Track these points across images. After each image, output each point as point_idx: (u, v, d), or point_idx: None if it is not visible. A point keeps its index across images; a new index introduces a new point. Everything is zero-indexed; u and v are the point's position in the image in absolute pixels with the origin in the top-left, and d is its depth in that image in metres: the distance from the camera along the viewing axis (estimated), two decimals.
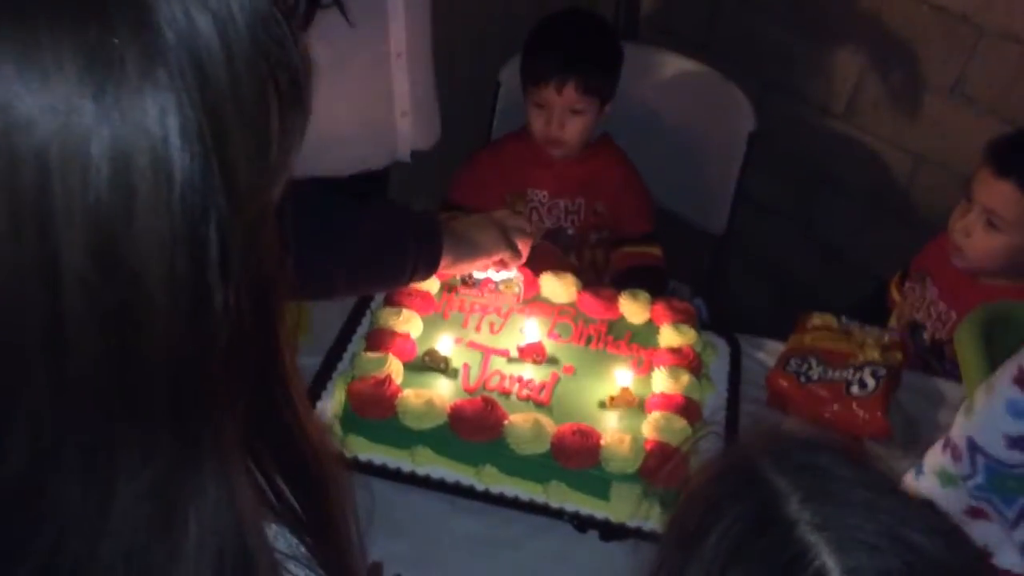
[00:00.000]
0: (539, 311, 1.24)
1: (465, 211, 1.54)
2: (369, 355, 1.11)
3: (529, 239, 1.23)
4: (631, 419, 1.08)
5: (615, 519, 1.03)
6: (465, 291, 1.26)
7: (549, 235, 1.58)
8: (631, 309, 1.24)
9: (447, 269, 1.16)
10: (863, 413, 1.16)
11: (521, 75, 1.55)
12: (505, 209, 1.53)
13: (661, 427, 1.05)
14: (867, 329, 1.28)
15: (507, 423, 1.05)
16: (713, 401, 1.17)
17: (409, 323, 1.17)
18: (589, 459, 1.02)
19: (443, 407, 1.06)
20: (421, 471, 1.06)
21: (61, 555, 0.35)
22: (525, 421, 1.04)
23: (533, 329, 1.20)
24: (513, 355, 1.17)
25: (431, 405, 1.05)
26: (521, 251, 1.21)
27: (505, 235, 1.19)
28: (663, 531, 0.59)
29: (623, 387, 1.12)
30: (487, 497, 1.05)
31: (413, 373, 1.12)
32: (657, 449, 1.03)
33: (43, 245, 0.31)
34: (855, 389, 1.17)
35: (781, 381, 1.21)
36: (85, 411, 0.34)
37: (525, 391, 1.12)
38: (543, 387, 1.12)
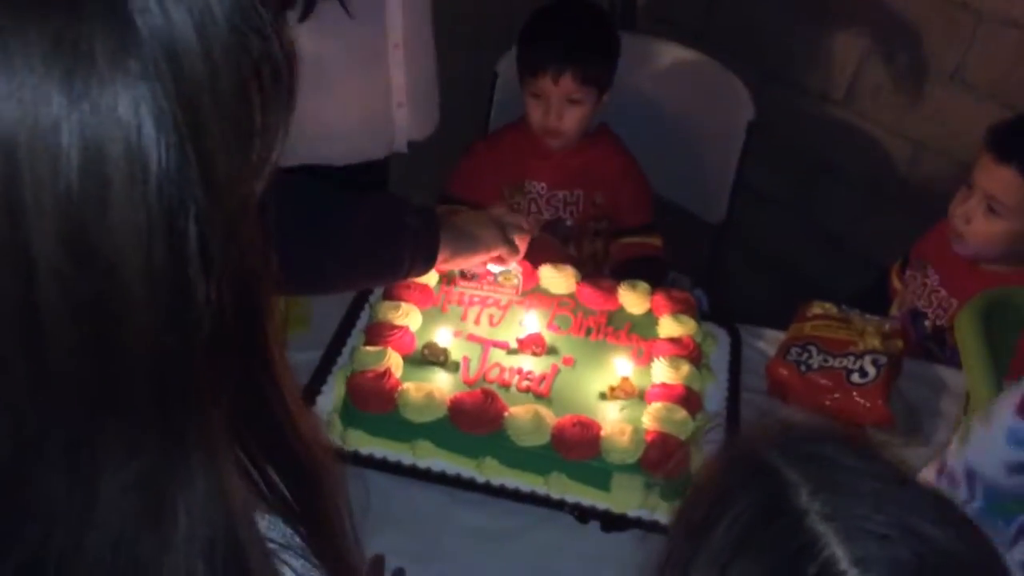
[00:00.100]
0: (538, 303, 1.24)
1: (463, 204, 1.54)
2: (368, 349, 1.11)
3: (527, 236, 1.23)
4: (631, 410, 1.08)
5: (616, 510, 1.03)
6: (464, 284, 1.26)
7: (548, 227, 1.58)
8: (630, 300, 1.24)
9: (444, 264, 1.16)
10: (864, 401, 1.15)
11: (518, 66, 1.54)
12: (503, 203, 1.53)
13: (661, 417, 1.05)
14: (867, 317, 1.27)
15: (507, 415, 1.04)
16: (713, 391, 1.16)
17: (408, 316, 1.17)
18: (589, 450, 1.02)
19: (443, 400, 1.06)
20: (422, 464, 1.06)
21: (47, 547, 0.35)
22: (525, 413, 1.04)
23: (532, 321, 1.20)
24: (513, 347, 1.17)
25: (431, 398, 1.05)
26: (519, 247, 1.21)
27: (503, 231, 1.19)
28: (671, 522, 0.59)
29: (623, 378, 1.12)
30: (488, 489, 1.05)
31: (413, 366, 1.12)
32: (658, 439, 1.02)
33: (14, 234, 0.31)
34: (856, 377, 1.17)
35: (781, 370, 1.21)
36: (67, 403, 0.34)
37: (525, 383, 1.11)
38: (543, 379, 1.12)
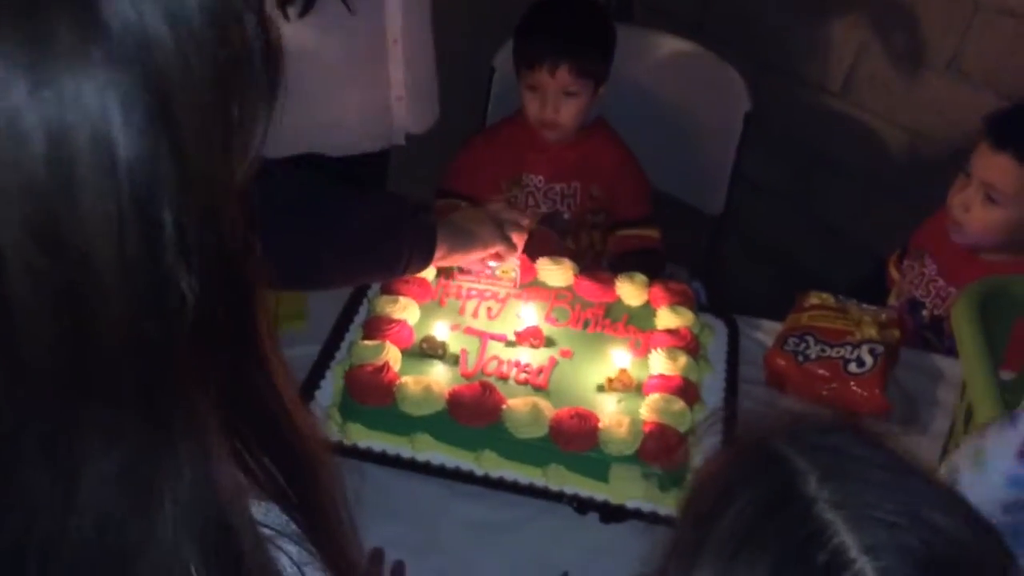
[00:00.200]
0: (536, 295, 1.24)
1: (461, 197, 1.55)
2: (366, 343, 1.11)
3: (524, 233, 1.23)
4: (629, 401, 1.08)
5: (614, 501, 1.03)
6: (462, 277, 1.26)
7: (545, 220, 1.58)
8: (628, 291, 1.24)
9: (442, 260, 1.16)
10: (861, 391, 1.15)
11: (514, 59, 1.54)
12: (501, 197, 1.53)
13: (659, 409, 1.05)
14: (864, 307, 1.28)
15: (505, 407, 1.05)
16: (711, 382, 1.17)
17: (406, 310, 1.17)
18: (588, 442, 1.02)
19: (441, 393, 1.06)
20: (421, 457, 1.07)
21: (30, 535, 0.35)
22: (523, 405, 1.04)
23: (530, 314, 1.20)
24: (511, 340, 1.17)
25: (429, 391, 1.06)
26: (516, 244, 1.22)
27: (500, 228, 1.19)
28: (677, 512, 0.59)
29: (621, 369, 1.12)
30: (487, 482, 1.05)
31: (411, 360, 1.12)
32: (656, 431, 1.03)
33: None
34: (853, 367, 1.17)
35: (779, 360, 1.21)
36: (43, 394, 0.34)
37: (523, 375, 1.12)
38: (541, 371, 1.12)
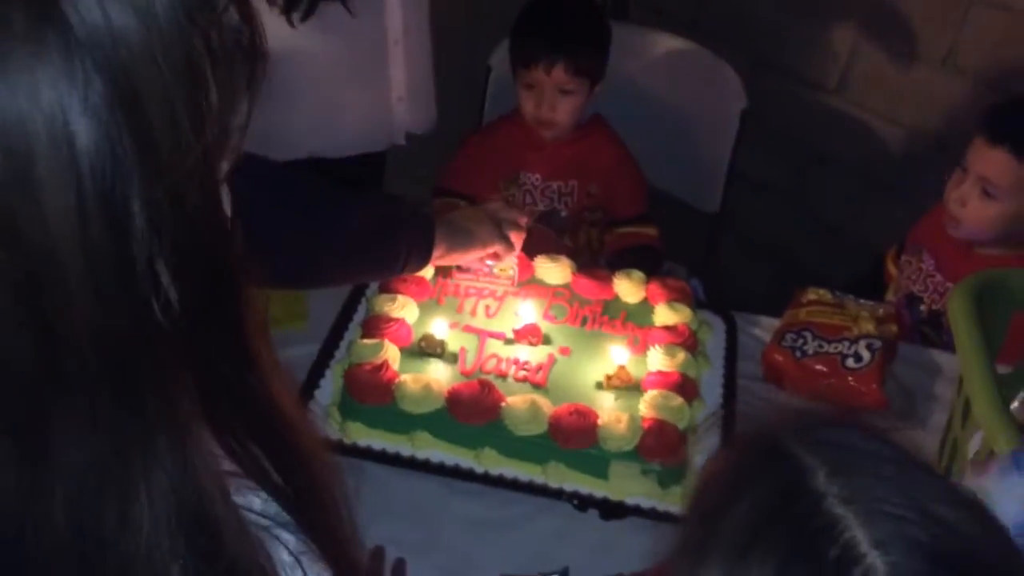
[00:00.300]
0: (534, 293, 1.25)
1: (459, 196, 1.55)
2: (365, 342, 1.11)
3: (522, 232, 1.24)
4: (628, 398, 1.08)
5: (614, 497, 1.03)
6: (460, 275, 1.26)
7: (543, 218, 1.58)
8: (626, 289, 1.25)
9: (440, 260, 1.16)
10: (859, 386, 1.16)
11: (510, 58, 1.54)
12: (498, 197, 1.53)
13: (658, 405, 1.05)
14: (862, 302, 1.28)
15: (504, 405, 1.05)
16: (709, 378, 1.17)
17: (404, 309, 1.17)
18: (587, 439, 1.02)
19: (440, 391, 1.06)
20: (420, 455, 1.07)
21: (5, 524, 0.35)
22: (522, 402, 1.04)
23: (528, 311, 1.20)
24: (509, 337, 1.17)
25: (428, 389, 1.06)
26: (514, 244, 1.22)
27: (498, 227, 1.19)
28: (683, 510, 0.59)
29: (619, 366, 1.12)
30: (486, 479, 1.05)
31: (410, 358, 1.12)
32: (654, 427, 1.03)
33: None
34: (851, 362, 1.17)
35: (777, 356, 1.21)
36: (11, 385, 0.34)
37: (522, 373, 1.12)
38: (539, 368, 1.13)
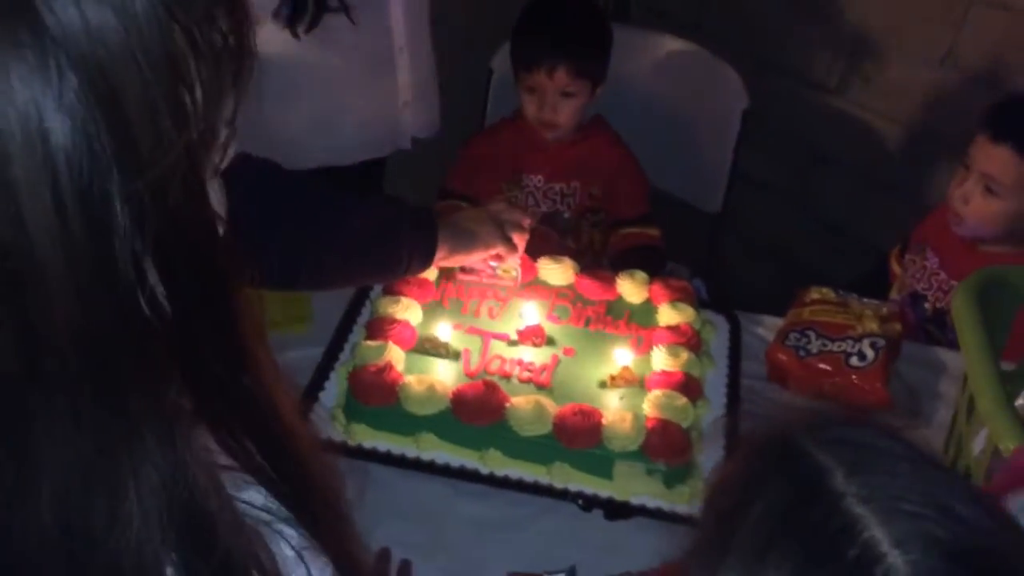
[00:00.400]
0: (537, 294, 1.25)
1: (462, 198, 1.55)
2: (369, 343, 1.12)
3: (525, 233, 1.24)
4: (632, 398, 1.09)
5: (619, 497, 1.03)
6: (463, 277, 1.27)
7: (545, 219, 1.58)
8: (629, 289, 1.25)
9: (443, 261, 1.16)
10: (863, 384, 1.16)
11: (512, 60, 1.55)
12: (501, 198, 1.54)
13: (662, 404, 1.05)
14: (865, 301, 1.28)
15: (508, 406, 1.05)
16: (713, 377, 1.17)
17: (408, 311, 1.17)
18: (591, 439, 1.03)
19: (445, 392, 1.06)
20: (425, 457, 1.07)
21: None
22: (527, 403, 1.04)
23: (532, 312, 1.20)
24: (513, 339, 1.17)
25: (433, 391, 1.06)
26: (517, 245, 1.22)
27: (501, 229, 1.19)
28: (699, 510, 0.59)
29: (623, 366, 1.12)
30: (491, 480, 1.05)
31: (414, 360, 1.13)
32: (659, 426, 1.03)
33: None
34: (854, 361, 1.17)
35: (780, 355, 1.21)
36: None
37: (526, 374, 1.12)
38: (543, 369, 1.13)
